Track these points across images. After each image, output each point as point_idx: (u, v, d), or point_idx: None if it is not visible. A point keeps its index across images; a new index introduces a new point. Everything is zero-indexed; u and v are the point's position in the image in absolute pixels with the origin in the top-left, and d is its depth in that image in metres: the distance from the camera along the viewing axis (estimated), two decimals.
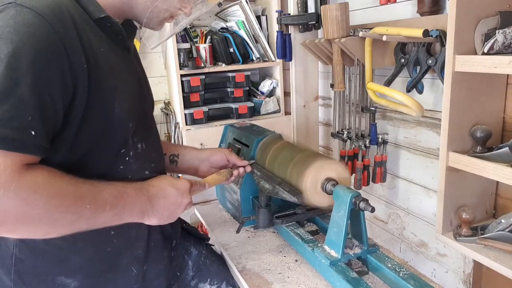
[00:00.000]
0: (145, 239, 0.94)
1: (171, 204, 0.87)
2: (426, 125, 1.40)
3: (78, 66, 0.72)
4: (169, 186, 0.88)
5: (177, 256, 1.09)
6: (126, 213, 0.80)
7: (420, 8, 1.26)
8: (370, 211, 0.95)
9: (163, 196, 0.86)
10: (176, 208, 0.88)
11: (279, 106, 2.32)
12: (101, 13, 0.80)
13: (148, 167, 0.92)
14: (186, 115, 2.10)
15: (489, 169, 0.93)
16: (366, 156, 1.54)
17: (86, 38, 0.75)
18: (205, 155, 1.16)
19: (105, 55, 0.80)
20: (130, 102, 0.85)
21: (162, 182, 0.89)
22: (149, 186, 0.86)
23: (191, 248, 1.15)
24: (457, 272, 1.35)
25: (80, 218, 0.72)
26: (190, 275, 1.12)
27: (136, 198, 0.81)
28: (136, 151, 0.89)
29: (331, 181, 1.05)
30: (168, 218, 0.88)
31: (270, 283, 1.03)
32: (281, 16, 1.85)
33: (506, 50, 0.91)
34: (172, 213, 0.88)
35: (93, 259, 0.86)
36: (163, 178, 0.90)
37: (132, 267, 0.92)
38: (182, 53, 2.06)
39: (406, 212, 1.55)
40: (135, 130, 0.87)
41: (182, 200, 0.89)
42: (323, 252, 1.02)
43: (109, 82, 0.79)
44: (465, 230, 1.05)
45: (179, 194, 0.88)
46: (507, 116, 1.09)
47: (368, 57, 1.34)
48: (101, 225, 0.77)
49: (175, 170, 1.17)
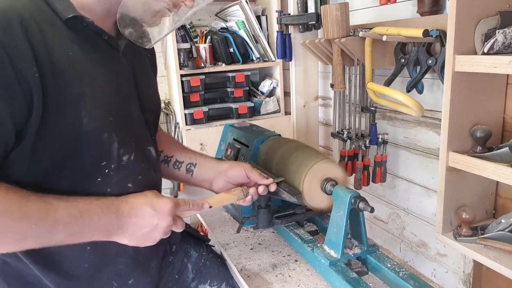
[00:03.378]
0: (129, 254, 0.88)
1: (144, 225, 0.78)
2: (426, 125, 1.40)
3: (29, 75, 0.66)
4: (145, 205, 0.79)
5: (176, 260, 1.07)
6: (87, 233, 0.74)
7: (420, 8, 1.26)
8: (369, 211, 0.95)
9: (135, 215, 0.78)
10: (151, 230, 0.79)
11: (279, 106, 2.32)
12: (70, 13, 0.72)
13: (132, 180, 0.84)
14: (186, 115, 2.10)
15: (489, 169, 0.93)
16: (366, 156, 1.53)
17: (41, 43, 0.68)
18: (223, 167, 1.03)
19: (73, 60, 0.73)
20: (105, 109, 0.76)
21: (138, 199, 0.80)
22: (122, 203, 0.78)
23: (191, 251, 1.12)
24: (457, 272, 1.35)
25: (25, 238, 0.68)
26: (190, 277, 1.11)
27: (101, 216, 0.74)
28: (120, 163, 0.81)
29: (330, 181, 1.05)
30: (141, 240, 0.80)
31: (270, 283, 1.03)
32: (281, 16, 1.85)
33: (506, 50, 0.91)
34: (147, 235, 0.79)
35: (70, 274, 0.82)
36: (141, 195, 0.81)
37: (113, 282, 0.88)
38: (182, 53, 2.06)
39: (406, 212, 1.55)
40: (120, 141, 0.79)
41: (159, 222, 0.79)
42: (323, 252, 1.02)
43: (74, 89, 0.72)
44: (465, 230, 1.05)
45: (155, 215, 0.79)
46: (507, 116, 1.09)
47: (368, 57, 1.34)
48: (56, 243, 0.72)
49: (190, 182, 1.07)
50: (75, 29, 0.75)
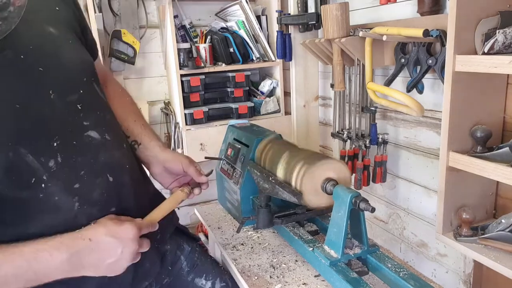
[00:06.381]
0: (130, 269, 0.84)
1: (108, 256, 0.75)
2: (427, 125, 1.40)
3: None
4: (105, 236, 0.75)
5: (170, 251, 1.08)
6: (43, 278, 0.70)
7: (420, 8, 1.26)
8: (370, 211, 0.94)
9: (96, 249, 0.74)
10: (117, 260, 0.76)
11: (279, 106, 2.32)
12: None
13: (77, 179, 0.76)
14: (186, 115, 2.09)
15: (489, 169, 0.93)
16: (366, 156, 1.53)
17: None
18: (163, 157, 1.02)
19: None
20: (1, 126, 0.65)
21: (96, 231, 0.75)
22: (77, 240, 0.73)
23: (184, 244, 1.13)
24: (457, 272, 1.35)
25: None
26: (186, 270, 1.12)
27: (50, 261, 0.70)
28: (51, 171, 0.71)
29: (331, 181, 1.05)
30: (108, 271, 0.77)
31: (270, 283, 1.03)
32: (281, 16, 1.85)
33: (506, 50, 0.91)
34: (113, 265, 0.76)
35: None
36: (99, 225, 0.76)
37: None
38: (182, 53, 2.06)
39: (406, 212, 1.55)
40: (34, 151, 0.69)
41: (123, 249, 0.75)
42: (323, 252, 1.02)
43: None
44: (465, 230, 1.05)
45: (119, 244, 0.75)
46: (507, 116, 1.09)
47: (368, 57, 1.34)
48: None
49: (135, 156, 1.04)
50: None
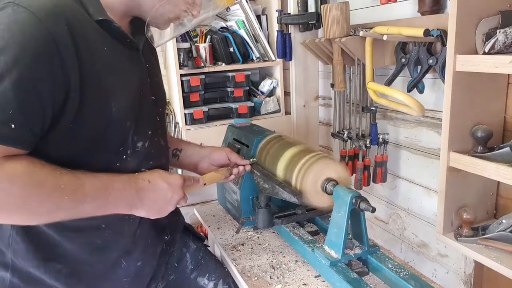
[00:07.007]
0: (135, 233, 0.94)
1: (161, 198, 0.87)
2: (427, 125, 1.40)
3: (71, 65, 0.72)
4: (160, 180, 0.87)
5: (176, 249, 1.12)
6: (111, 205, 0.80)
7: (421, 8, 1.25)
8: (370, 212, 0.94)
9: (153, 190, 0.86)
10: (166, 203, 0.88)
11: (279, 106, 2.31)
12: (100, 16, 0.81)
13: (146, 165, 0.92)
14: (186, 115, 2.09)
15: (490, 169, 0.93)
16: (366, 156, 1.53)
17: (83, 38, 0.75)
18: (206, 152, 1.17)
19: (107, 55, 0.81)
20: (129, 101, 0.85)
21: (153, 175, 0.88)
22: (139, 179, 0.86)
23: (190, 242, 1.17)
24: (458, 272, 1.35)
25: (59, 208, 0.73)
26: (190, 268, 1.14)
27: (123, 191, 0.82)
28: (135, 149, 0.89)
29: (331, 181, 1.04)
30: (157, 213, 0.88)
31: (270, 284, 1.03)
32: (281, 16, 1.85)
33: (507, 49, 0.91)
34: (162, 208, 0.88)
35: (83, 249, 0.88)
36: (155, 172, 0.90)
37: (122, 259, 0.93)
38: (181, 53, 2.05)
39: (406, 213, 1.54)
40: (136, 129, 0.87)
41: (173, 195, 0.88)
42: (323, 253, 1.02)
43: (106, 81, 0.80)
44: (466, 230, 1.05)
45: (170, 189, 0.88)
46: (508, 116, 1.08)
47: (369, 56, 1.34)
48: (84, 215, 0.78)
49: (176, 165, 1.18)
50: (105, 29, 0.82)
